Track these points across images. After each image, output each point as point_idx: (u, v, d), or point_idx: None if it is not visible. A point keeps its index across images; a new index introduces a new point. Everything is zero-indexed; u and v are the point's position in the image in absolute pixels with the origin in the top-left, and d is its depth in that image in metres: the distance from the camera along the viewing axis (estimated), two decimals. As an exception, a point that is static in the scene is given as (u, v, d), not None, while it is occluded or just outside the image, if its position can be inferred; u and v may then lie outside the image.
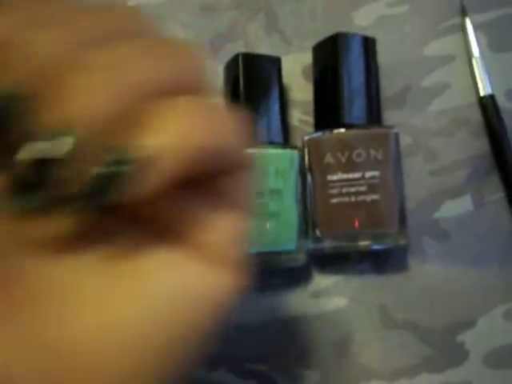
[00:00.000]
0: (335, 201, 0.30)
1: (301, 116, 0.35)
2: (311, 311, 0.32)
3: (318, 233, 0.31)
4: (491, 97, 0.33)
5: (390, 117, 0.34)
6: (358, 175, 0.30)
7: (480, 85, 0.33)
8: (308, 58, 0.34)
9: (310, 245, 0.31)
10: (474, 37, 0.34)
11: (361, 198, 0.30)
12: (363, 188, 0.30)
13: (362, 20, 0.35)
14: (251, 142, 0.16)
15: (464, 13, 0.34)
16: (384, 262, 0.33)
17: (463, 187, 0.33)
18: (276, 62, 0.33)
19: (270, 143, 0.32)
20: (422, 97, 0.34)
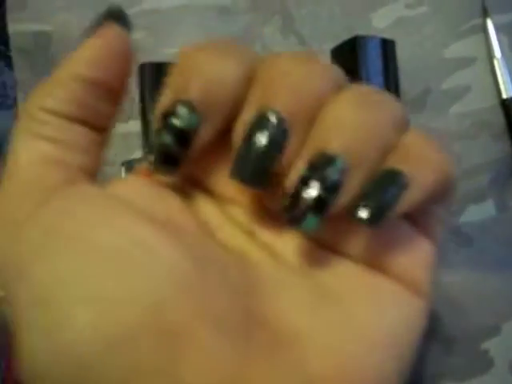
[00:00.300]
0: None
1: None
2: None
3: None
4: (514, 99, 0.33)
5: (410, 120, 0.33)
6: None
7: (502, 87, 0.33)
8: (327, 61, 0.33)
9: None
10: (495, 38, 0.33)
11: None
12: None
13: (381, 22, 0.35)
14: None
15: (485, 14, 0.34)
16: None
17: (485, 191, 0.32)
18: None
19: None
20: (442, 100, 0.33)
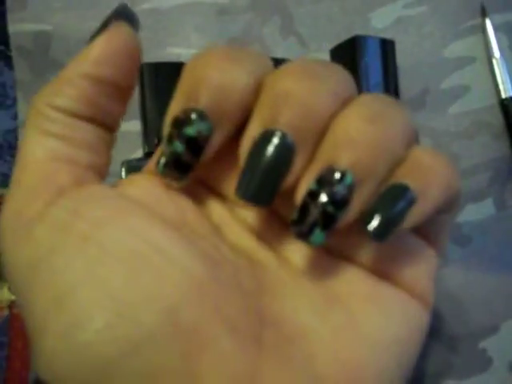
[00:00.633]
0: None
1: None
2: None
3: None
4: (512, 99, 0.33)
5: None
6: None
7: (501, 86, 0.33)
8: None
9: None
10: (494, 38, 0.33)
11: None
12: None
13: (380, 22, 0.35)
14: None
15: (484, 13, 0.34)
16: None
17: (485, 191, 0.32)
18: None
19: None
20: (441, 99, 0.34)
